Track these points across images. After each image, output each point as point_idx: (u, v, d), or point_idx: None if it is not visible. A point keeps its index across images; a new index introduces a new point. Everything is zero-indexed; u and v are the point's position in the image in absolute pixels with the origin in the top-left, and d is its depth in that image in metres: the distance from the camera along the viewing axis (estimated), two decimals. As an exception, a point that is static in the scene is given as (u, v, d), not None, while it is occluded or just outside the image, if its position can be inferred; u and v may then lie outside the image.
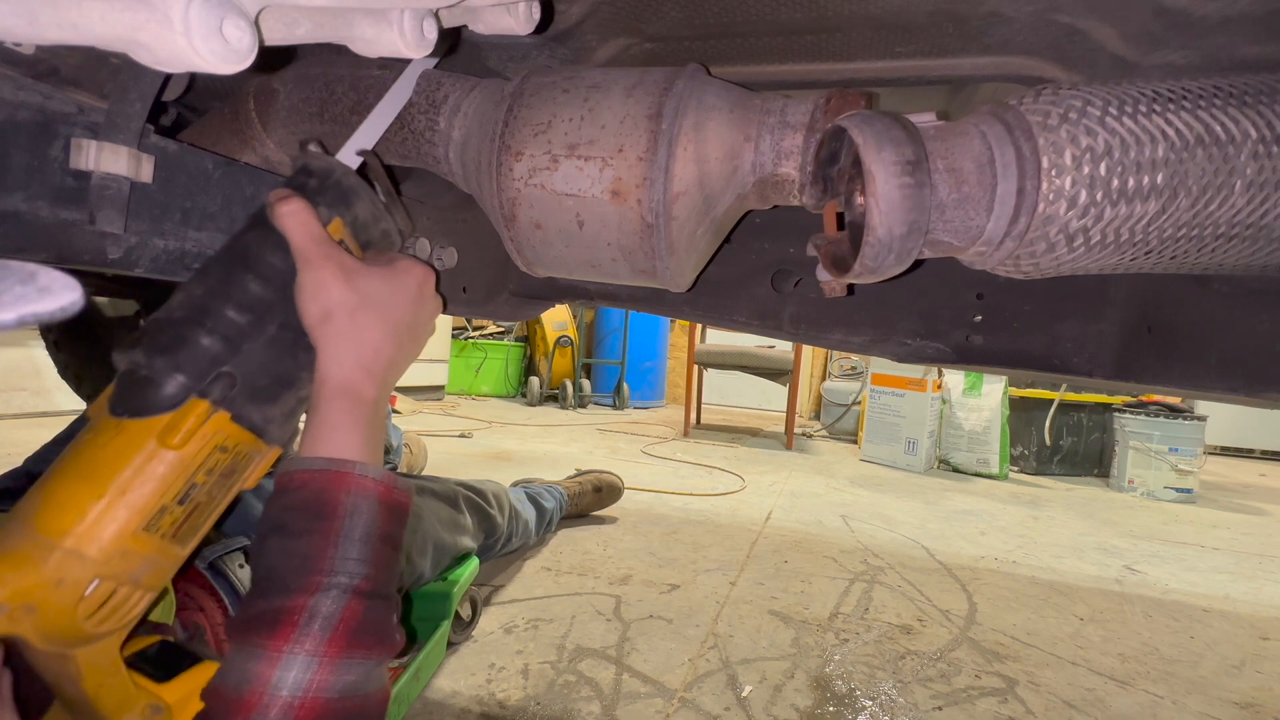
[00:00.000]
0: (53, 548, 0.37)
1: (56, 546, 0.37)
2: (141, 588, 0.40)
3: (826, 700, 0.94)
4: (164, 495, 0.40)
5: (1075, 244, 0.41)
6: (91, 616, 0.38)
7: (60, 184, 0.42)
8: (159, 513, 0.40)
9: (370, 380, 0.46)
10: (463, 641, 1.03)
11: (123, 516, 0.38)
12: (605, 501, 1.75)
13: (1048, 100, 0.42)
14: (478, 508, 1.20)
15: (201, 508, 0.43)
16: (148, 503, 0.39)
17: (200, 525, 0.43)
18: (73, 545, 0.37)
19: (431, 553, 0.99)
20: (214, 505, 0.44)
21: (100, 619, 0.38)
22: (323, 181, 0.50)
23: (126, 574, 0.39)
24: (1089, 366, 0.64)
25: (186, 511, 0.41)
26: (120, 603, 0.39)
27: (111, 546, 0.38)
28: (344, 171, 0.52)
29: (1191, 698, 1.04)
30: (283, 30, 0.38)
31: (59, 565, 0.36)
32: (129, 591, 0.40)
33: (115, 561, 0.38)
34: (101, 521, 0.38)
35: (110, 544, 0.38)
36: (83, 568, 0.37)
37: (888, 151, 0.40)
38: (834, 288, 0.53)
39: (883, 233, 0.41)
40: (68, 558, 0.37)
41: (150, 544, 0.40)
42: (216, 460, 0.42)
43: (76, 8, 0.27)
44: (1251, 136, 0.36)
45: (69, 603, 0.37)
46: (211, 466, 0.42)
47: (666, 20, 0.60)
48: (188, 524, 0.42)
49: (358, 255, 0.52)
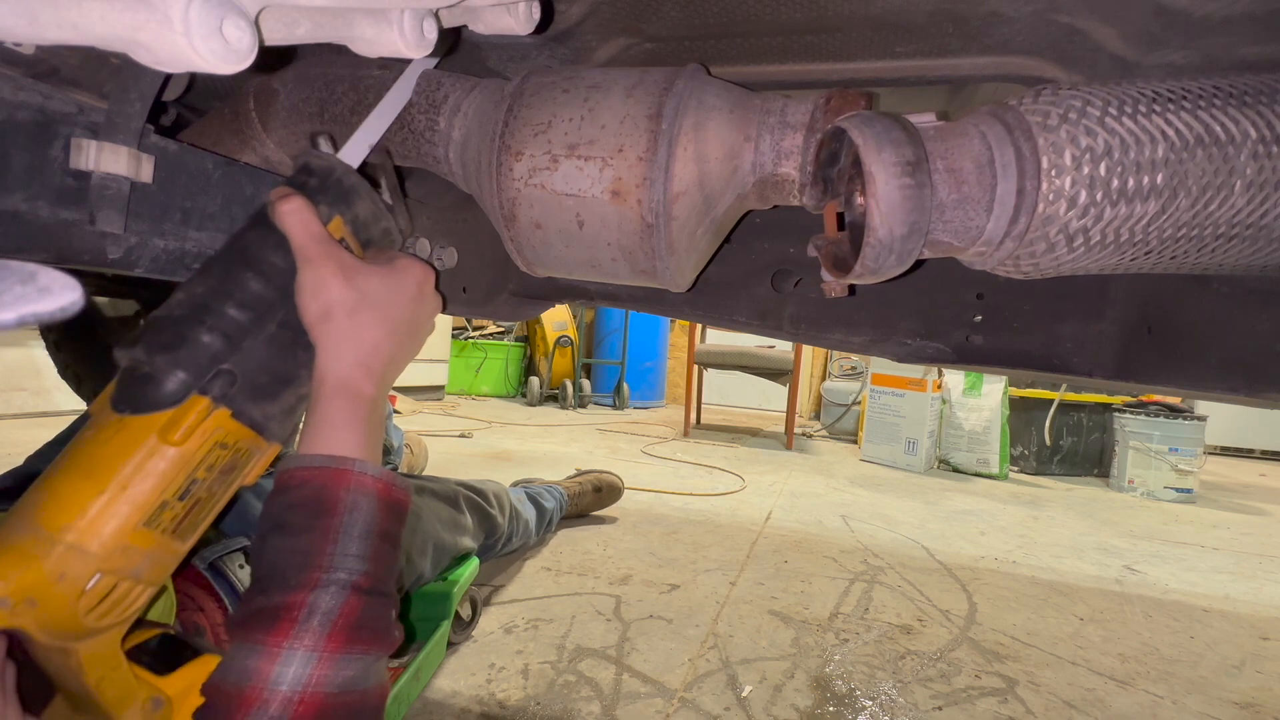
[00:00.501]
0: (55, 543, 0.37)
1: (58, 541, 0.37)
2: (142, 583, 0.41)
3: (826, 700, 0.94)
4: (165, 491, 0.40)
5: (1075, 244, 0.41)
6: (92, 611, 0.38)
7: (60, 184, 0.42)
8: (159, 508, 0.40)
9: (369, 378, 0.46)
10: (462, 641, 1.03)
11: (124, 512, 0.39)
12: (605, 501, 1.75)
13: (1047, 100, 0.42)
14: (478, 508, 1.20)
15: (202, 504, 0.43)
16: (149, 498, 0.39)
17: (200, 521, 0.44)
18: (74, 540, 0.37)
19: (431, 553, 0.99)
20: (214, 501, 0.44)
21: (101, 613, 0.39)
22: (323, 180, 0.50)
23: (127, 569, 0.39)
24: (1089, 366, 0.64)
25: (187, 507, 0.42)
26: (121, 597, 0.40)
27: (113, 542, 0.38)
28: (345, 170, 0.52)
29: (1191, 698, 1.04)
30: (283, 30, 0.38)
31: (60, 560, 0.37)
32: (130, 586, 0.40)
33: (116, 556, 0.38)
34: (103, 517, 0.38)
35: (111, 539, 0.38)
36: (84, 563, 0.37)
37: (888, 152, 0.40)
38: (835, 288, 0.53)
39: (884, 233, 0.41)
40: (69, 552, 0.37)
41: (151, 539, 0.40)
42: (217, 456, 0.43)
43: (77, 8, 0.27)
44: (1251, 136, 0.36)
45: (70, 597, 0.37)
46: (212, 463, 0.42)
47: (667, 20, 0.60)
48: (188, 520, 0.42)
49: (358, 254, 0.52)
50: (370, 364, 0.46)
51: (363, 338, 0.46)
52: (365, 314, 0.47)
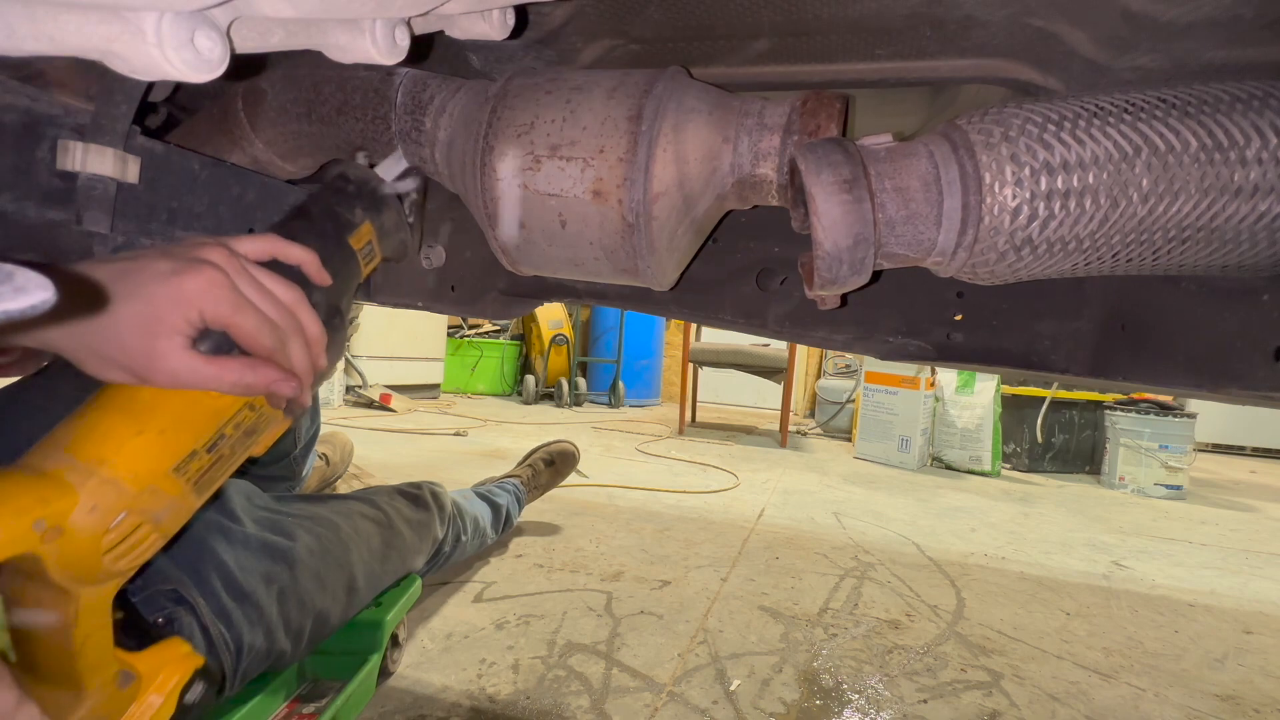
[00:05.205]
0: (90, 474, 0.37)
1: (94, 474, 0.37)
2: (159, 531, 0.40)
3: (814, 694, 0.95)
4: (197, 440, 0.41)
5: (1024, 252, 0.44)
6: (112, 550, 0.38)
7: (47, 185, 0.43)
8: (189, 456, 0.40)
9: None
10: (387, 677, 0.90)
11: (158, 454, 0.39)
12: (563, 471, 1.66)
13: (992, 119, 0.45)
14: (416, 523, 0.98)
15: (223, 460, 0.44)
16: (182, 444, 0.40)
17: (216, 479, 0.44)
18: (109, 474, 0.37)
19: (346, 597, 0.76)
20: (232, 460, 0.45)
21: (118, 555, 0.38)
22: (360, 188, 0.58)
23: (152, 512, 0.39)
24: (1066, 364, 0.65)
25: (211, 461, 0.42)
26: (139, 541, 0.39)
27: (146, 480, 0.38)
28: (379, 182, 0.59)
29: (1174, 690, 1.05)
30: (256, 39, 0.38)
31: (95, 491, 0.37)
32: (148, 531, 0.39)
33: (146, 497, 0.39)
34: (140, 455, 0.38)
35: (145, 477, 0.38)
36: (117, 497, 0.37)
37: (826, 174, 0.44)
38: (826, 301, 0.56)
39: (829, 246, 0.45)
40: (104, 485, 0.37)
41: (177, 487, 0.40)
42: (244, 416, 0.44)
43: (53, 21, 0.28)
44: (1192, 145, 0.38)
45: (97, 532, 0.37)
46: (239, 421, 0.43)
47: (650, 23, 0.61)
48: (209, 474, 0.43)
49: (379, 259, 0.59)
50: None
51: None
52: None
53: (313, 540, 0.71)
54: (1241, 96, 0.40)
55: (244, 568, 0.60)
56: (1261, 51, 0.48)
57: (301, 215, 0.54)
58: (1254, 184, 0.38)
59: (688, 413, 3.60)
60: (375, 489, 0.96)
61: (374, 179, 0.59)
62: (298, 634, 0.65)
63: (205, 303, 0.39)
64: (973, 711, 0.94)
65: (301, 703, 0.69)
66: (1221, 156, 0.37)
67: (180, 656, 0.45)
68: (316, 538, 0.71)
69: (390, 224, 0.60)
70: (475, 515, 1.22)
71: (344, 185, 0.57)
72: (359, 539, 0.81)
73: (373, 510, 0.88)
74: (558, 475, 1.66)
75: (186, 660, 0.46)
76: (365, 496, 0.91)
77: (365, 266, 0.59)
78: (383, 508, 0.91)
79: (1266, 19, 0.45)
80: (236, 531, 0.63)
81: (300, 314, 0.44)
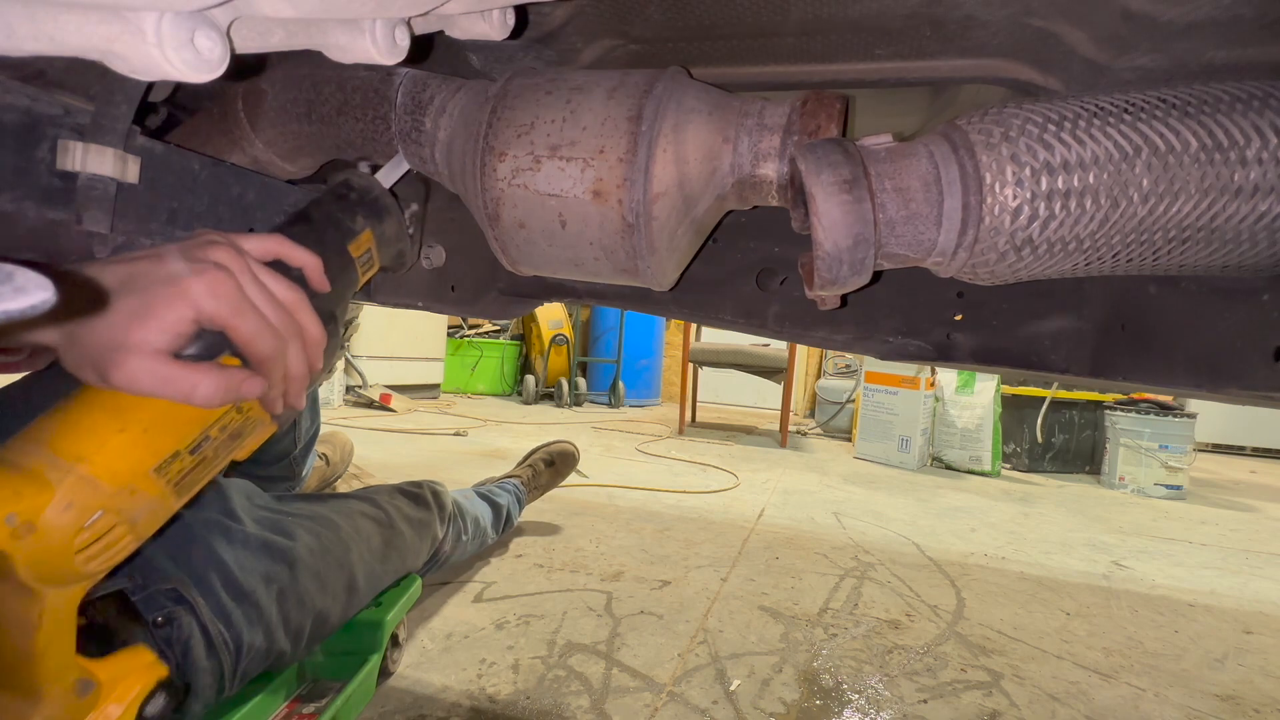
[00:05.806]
0: (68, 470, 0.36)
1: (71, 470, 0.36)
2: (134, 533, 0.39)
3: (814, 694, 0.95)
4: (180, 441, 0.40)
5: (1024, 252, 0.44)
6: (84, 550, 0.37)
7: (48, 185, 0.43)
8: (172, 457, 0.40)
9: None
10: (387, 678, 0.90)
11: (140, 453, 0.38)
12: (563, 471, 1.66)
13: (992, 119, 0.45)
14: (417, 522, 0.98)
15: (206, 463, 0.43)
16: (165, 444, 0.39)
17: (198, 481, 0.43)
18: (87, 471, 0.36)
19: (346, 596, 0.77)
20: (215, 464, 0.44)
21: (90, 555, 0.37)
22: (363, 195, 0.58)
23: (129, 512, 0.38)
24: (1066, 364, 0.65)
25: (194, 463, 0.42)
26: (112, 543, 0.38)
27: (125, 479, 0.38)
28: (382, 191, 0.60)
29: (1173, 690, 1.05)
30: (256, 39, 0.38)
31: (72, 488, 0.36)
32: (123, 533, 0.39)
33: (123, 496, 0.38)
34: (121, 453, 0.37)
35: (124, 476, 0.37)
36: (94, 495, 0.36)
37: (826, 174, 0.44)
38: (827, 301, 0.56)
39: (829, 246, 0.45)
40: (81, 482, 0.36)
41: (156, 487, 0.39)
42: (231, 419, 0.43)
43: (53, 21, 0.28)
44: (1193, 145, 0.38)
45: (71, 530, 0.36)
46: (225, 424, 0.43)
47: (650, 23, 0.61)
48: (190, 476, 0.42)
49: (378, 267, 0.59)
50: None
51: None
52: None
53: (313, 540, 0.71)
54: (1241, 96, 0.40)
55: (244, 567, 0.60)
56: (1261, 51, 0.48)
57: (303, 220, 0.54)
58: (1254, 184, 0.38)
59: (688, 413, 3.60)
60: (376, 488, 0.96)
61: (376, 187, 0.59)
62: (297, 633, 0.65)
63: (206, 303, 0.38)
64: (973, 711, 0.94)
65: (301, 703, 0.69)
66: (1222, 157, 0.37)
67: (143, 666, 0.44)
68: (316, 537, 0.71)
69: (390, 233, 0.60)
70: (476, 515, 1.22)
71: (346, 192, 0.57)
72: (359, 538, 0.80)
73: (373, 509, 0.88)
74: (558, 475, 1.66)
75: (149, 670, 0.44)
76: (366, 496, 0.91)
77: (362, 274, 0.59)
78: (383, 507, 0.90)
79: (1266, 19, 0.45)
80: (236, 531, 0.63)
81: (301, 316, 0.44)
